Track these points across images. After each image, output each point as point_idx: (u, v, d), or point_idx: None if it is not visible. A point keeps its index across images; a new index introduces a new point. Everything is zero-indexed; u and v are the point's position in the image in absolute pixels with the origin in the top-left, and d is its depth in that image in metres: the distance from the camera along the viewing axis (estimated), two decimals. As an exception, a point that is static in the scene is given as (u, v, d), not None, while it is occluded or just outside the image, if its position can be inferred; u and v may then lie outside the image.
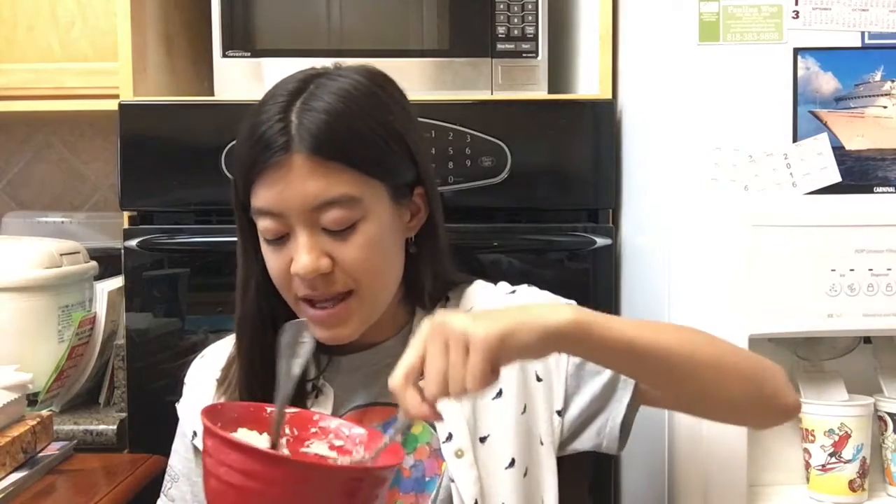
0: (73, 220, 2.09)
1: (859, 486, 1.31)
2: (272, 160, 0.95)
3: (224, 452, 0.80)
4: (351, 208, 0.96)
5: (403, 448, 1.03)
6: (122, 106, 1.53)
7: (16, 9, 1.81)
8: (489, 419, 1.05)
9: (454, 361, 0.82)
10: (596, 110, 1.53)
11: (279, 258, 0.99)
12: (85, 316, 1.64)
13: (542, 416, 1.06)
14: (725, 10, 1.27)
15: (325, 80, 1.00)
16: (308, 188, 0.95)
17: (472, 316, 0.86)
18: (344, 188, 0.96)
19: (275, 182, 0.96)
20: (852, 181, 1.27)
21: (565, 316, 0.87)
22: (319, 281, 0.97)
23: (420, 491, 1.04)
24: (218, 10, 1.59)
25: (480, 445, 1.04)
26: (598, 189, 1.53)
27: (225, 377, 1.10)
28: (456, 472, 1.02)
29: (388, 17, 1.64)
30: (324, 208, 0.95)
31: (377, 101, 1.00)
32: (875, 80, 1.27)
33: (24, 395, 1.41)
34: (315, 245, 0.96)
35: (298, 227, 0.96)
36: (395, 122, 1.00)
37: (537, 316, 0.86)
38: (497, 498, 1.03)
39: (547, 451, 1.06)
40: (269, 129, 0.96)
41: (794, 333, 1.30)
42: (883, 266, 1.27)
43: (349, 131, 0.96)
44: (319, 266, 0.96)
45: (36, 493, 1.28)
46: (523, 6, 1.59)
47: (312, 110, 0.96)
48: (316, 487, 0.80)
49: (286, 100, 0.97)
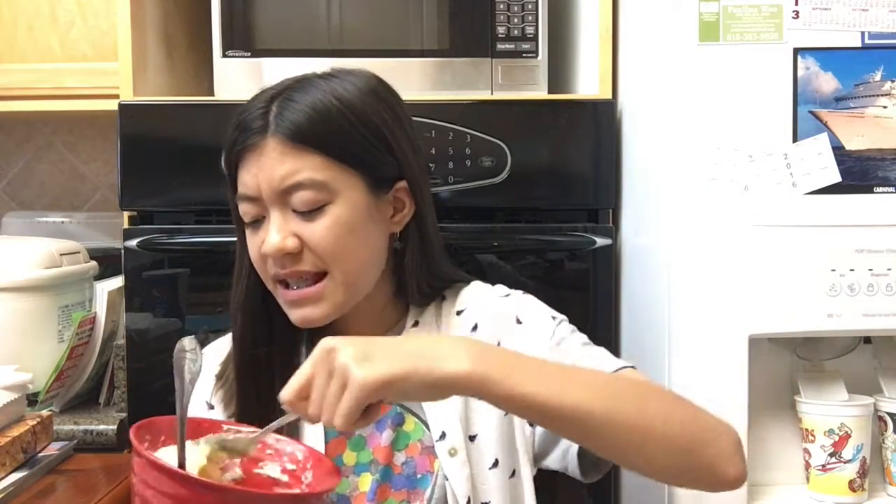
0: (73, 220, 2.09)
1: (859, 486, 1.31)
2: (248, 142, 1.01)
3: (152, 475, 0.81)
4: (319, 191, 1.01)
5: (395, 445, 1.05)
6: (122, 106, 1.53)
7: (16, 9, 1.81)
8: (479, 418, 1.06)
9: (329, 394, 0.82)
10: (596, 110, 1.53)
11: (255, 241, 1.04)
12: (85, 316, 1.64)
13: (517, 426, 1.07)
14: (725, 10, 1.27)
15: (316, 79, 1.05)
16: (278, 170, 1.00)
17: (364, 349, 0.83)
18: (314, 172, 1.00)
19: (250, 165, 1.02)
20: (852, 181, 1.27)
21: (461, 367, 0.82)
22: (288, 260, 1.01)
23: (412, 488, 1.05)
24: (218, 10, 1.59)
25: (471, 444, 1.05)
26: (597, 189, 1.53)
27: (223, 373, 1.12)
28: (450, 471, 1.03)
29: (387, 17, 1.64)
30: (293, 190, 1.00)
31: (361, 98, 1.04)
32: (875, 80, 1.27)
33: (24, 395, 1.40)
34: (284, 225, 1.01)
35: (271, 208, 1.01)
36: (375, 117, 1.04)
37: (431, 362, 0.82)
38: (486, 496, 1.04)
39: (524, 461, 1.07)
40: (249, 114, 1.03)
41: (794, 333, 1.30)
42: (883, 266, 1.27)
43: (323, 121, 1.01)
44: (286, 245, 1.00)
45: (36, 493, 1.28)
46: (523, 6, 1.59)
47: (293, 101, 1.02)
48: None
49: (273, 93, 1.04)
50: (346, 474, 1.05)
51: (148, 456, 0.81)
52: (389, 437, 1.05)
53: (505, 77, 1.60)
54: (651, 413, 0.88)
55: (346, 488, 1.05)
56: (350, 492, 1.05)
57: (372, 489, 1.04)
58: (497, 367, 0.84)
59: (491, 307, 1.10)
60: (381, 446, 1.05)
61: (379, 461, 1.05)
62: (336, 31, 1.63)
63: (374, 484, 1.04)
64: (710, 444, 0.90)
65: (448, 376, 0.83)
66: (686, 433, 0.89)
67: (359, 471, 1.05)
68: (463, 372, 0.83)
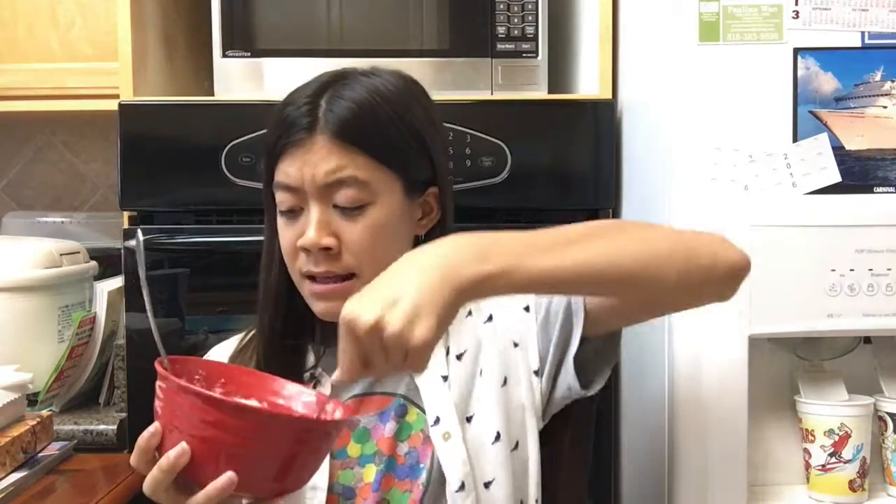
0: (73, 220, 2.09)
1: (859, 486, 1.31)
2: (296, 137, 1.02)
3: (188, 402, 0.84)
4: (362, 190, 1.02)
5: (398, 436, 1.06)
6: (122, 106, 1.53)
7: (16, 9, 1.81)
8: (474, 399, 1.07)
9: (395, 367, 0.83)
10: (596, 110, 1.53)
11: (291, 231, 1.05)
12: (85, 316, 1.64)
13: (522, 383, 1.09)
14: (725, 10, 1.27)
15: (359, 76, 1.06)
16: (325, 166, 1.01)
17: (402, 308, 0.82)
18: (358, 171, 1.02)
19: (295, 159, 1.03)
20: (852, 181, 1.27)
21: (482, 270, 0.85)
22: (323, 257, 1.03)
23: (415, 478, 1.06)
24: (218, 10, 1.59)
25: (468, 425, 1.06)
26: (597, 189, 1.53)
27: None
28: (443, 454, 1.04)
29: (387, 17, 1.64)
30: (336, 185, 1.02)
31: (404, 101, 1.06)
32: (875, 80, 1.27)
33: (24, 395, 1.40)
34: (325, 222, 1.02)
35: (312, 201, 1.03)
36: (416, 122, 1.06)
37: (456, 278, 0.84)
38: (488, 474, 1.05)
39: (530, 417, 1.08)
40: (296, 110, 1.03)
41: (794, 333, 1.30)
42: (883, 266, 1.27)
43: (372, 122, 1.03)
44: (325, 241, 1.02)
45: (36, 493, 1.28)
46: (523, 6, 1.59)
47: (342, 98, 1.03)
48: (270, 435, 0.84)
49: (318, 87, 1.05)
50: (351, 466, 1.06)
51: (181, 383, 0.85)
52: (393, 429, 1.06)
53: (505, 77, 1.60)
54: (645, 239, 0.95)
55: (351, 480, 1.05)
56: (355, 483, 1.05)
57: (377, 480, 1.05)
58: (502, 257, 0.86)
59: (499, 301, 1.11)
60: (384, 437, 1.06)
61: (383, 452, 1.06)
62: (336, 31, 1.63)
63: (378, 475, 1.05)
64: (704, 247, 0.96)
65: (471, 285, 0.84)
66: (681, 247, 0.95)
67: (363, 462, 1.06)
68: (480, 276, 0.85)
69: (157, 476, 0.87)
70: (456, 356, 1.09)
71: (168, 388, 0.86)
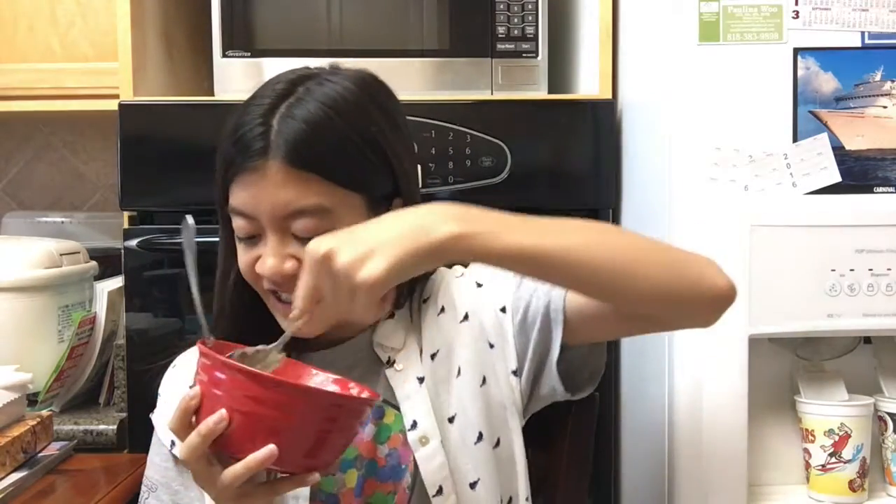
0: (73, 220, 2.09)
1: (859, 486, 1.31)
2: (248, 164, 0.98)
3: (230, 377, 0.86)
4: (322, 218, 0.97)
5: (377, 439, 1.06)
6: (122, 106, 1.53)
7: (16, 9, 1.81)
8: (454, 399, 1.06)
9: (341, 302, 0.85)
10: (596, 110, 1.53)
11: (248, 255, 1.02)
12: (85, 316, 1.64)
13: (501, 382, 1.08)
14: (725, 10, 1.27)
15: (313, 85, 1.01)
16: (280, 196, 0.97)
17: (358, 247, 0.84)
18: (316, 198, 0.97)
19: (249, 185, 0.98)
20: (852, 181, 1.27)
21: (451, 230, 0.86)
22: (284, 280, 1.00)
23: (397, 479, 1.05)
24: (218, 10, 1.59)
25: (449, 426, 1.05)
26: (598, 189, 1.53)
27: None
28: (421, 460, 1.04)
29: (387, 17, 1.64)
30: (294, 216, 0.98)
31: (361, 110, 1.01)
32: (875, 80, 1.27)
33: (24, 395, 1.40)
34: (282, 250, 0.99)
35: (269, 230, 0.99)
36: (376, 132, 1.01)
37: (423, 236, 0.85)
38: (471, 474, 1.04)
39: (511, 415, 1.08)
40: (249, 131, 0.98)
41: (794, 333, 1.30)
42: (883, 266, 1.27)
43: (327, 143, 0.98)
44: (283, 269, 0.99)
45: (36, 493, 1.28)
46: (523, 6, 1.59)
47: (293, 118, 0.98)
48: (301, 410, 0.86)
49: (271, 102, 0.99)
50: (333, 472, 1.05)
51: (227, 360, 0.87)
52: (371, 432, 1.05)
53: (505, 77, 1.60)
54: (635, 242, 0.95)
55: (332, 487, 1.05)
56: (337, 490, 1.05)
57: (358, 485, 1.05)
58: (481, 224, 0.87)
59: (450, 286, 1.11)
60: (364, 441, 1.05)
61: (363, 456, 1.05)
62: (336, 31, 1.63)
63: (360, 479, 1.05)
64: (692, 264, 0.94)
65: (441, 242, 0.85)
66: (669, 256, 0.95)
67: (344, 468, 1.05)
68: (454, 234, 0.86)
69: (194, 441, 0.86)
70: (430, 355, 1.08)
71: (212, 364, 0.88)
